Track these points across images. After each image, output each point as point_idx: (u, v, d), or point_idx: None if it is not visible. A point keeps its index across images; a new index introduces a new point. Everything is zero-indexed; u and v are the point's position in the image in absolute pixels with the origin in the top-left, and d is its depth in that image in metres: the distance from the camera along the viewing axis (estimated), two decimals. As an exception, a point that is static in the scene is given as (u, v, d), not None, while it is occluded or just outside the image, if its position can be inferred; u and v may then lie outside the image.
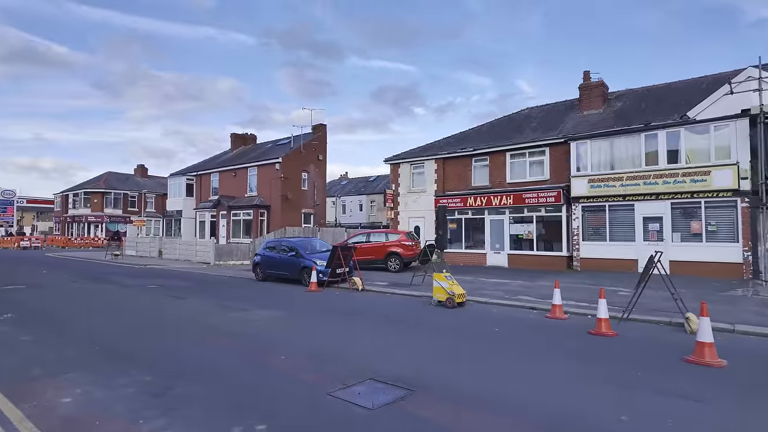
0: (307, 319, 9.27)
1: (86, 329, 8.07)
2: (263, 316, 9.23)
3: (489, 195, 20.22)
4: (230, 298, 11.96)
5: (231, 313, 9.52)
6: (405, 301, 11.70)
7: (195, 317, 9.13)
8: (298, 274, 14.94)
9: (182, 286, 14.60)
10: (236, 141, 39.33)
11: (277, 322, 8.83)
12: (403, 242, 18.63)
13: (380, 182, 50.44)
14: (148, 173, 58.40)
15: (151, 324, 8.61)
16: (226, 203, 31.90)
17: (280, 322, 8.86)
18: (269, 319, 9.03)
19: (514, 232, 19.83)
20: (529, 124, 22.22)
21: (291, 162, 30.86)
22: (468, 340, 7.37)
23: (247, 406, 4.45)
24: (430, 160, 23.18)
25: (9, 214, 61.53)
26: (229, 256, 24.93)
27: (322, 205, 33.66)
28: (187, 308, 10.36)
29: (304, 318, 9.32)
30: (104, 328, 8.20)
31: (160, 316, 9.53)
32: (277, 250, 16.09)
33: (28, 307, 10.24)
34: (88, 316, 9.33)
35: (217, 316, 9.29)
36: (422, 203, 23.30)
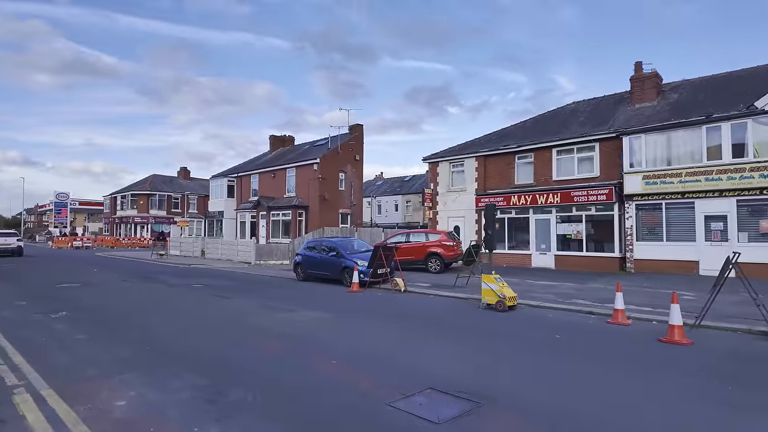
0: (354, 321, 9.01)
1: (137, 328, 8.11)
2: (310, 318, 9.04)
3: (534, 193, 19.45)
4: (274, 298, 11.89)
5: (278, 314, 9.39)
6: (451, 303, 11.27)
7: (242, 318, 9.05)
8: (339, 275, 14.78)
9: (226, 285, 14.71)
10: (275, 143, 39.88)
11: (324, 323, 8.61)
12: (444, 242, 18.16)
13: (416, 182, 49.96)
14: (190, 175, 60.29)
15: (199, 324, 8.59)
16: (266, 204, 32.33)
17: (327, 323, 8.63)
18: (316, 320, 8.82)
19: (561, 231, 18.97)
20: (576, 118, 21.25)
21: (328, 162, 30.93)
22: (527, 347, 6.89)
23: (305, 417, 4.19)
24: (470, 157, 22.57)
25: (63, 216, 65.02)
26: (269, 256, 25.17)
27: (358, 206, 33.58)
28: (234, 308, 10.33)
29: (350, 320, 9.07)
30: (154, 327, 8.22)
31: (208, 316, 9.51)
32: (317, 250, 16.00)
33: (82, 305, 10.48)
34: (139, 315, 9.43)
35: (264, 317, 9.17)
36: (462, 202, 22.72)
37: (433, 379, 5.15)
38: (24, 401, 4.56)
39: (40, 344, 6.86)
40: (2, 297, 11.76)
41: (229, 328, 8.19)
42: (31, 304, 10.68)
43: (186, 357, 6.20)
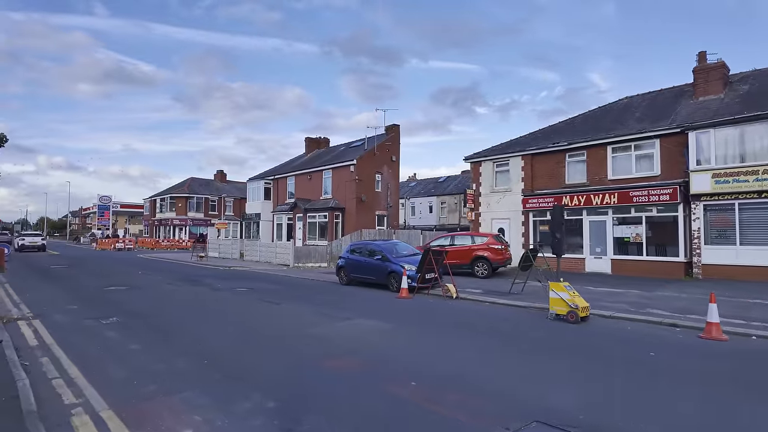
0: (417, 332, 8.36)
1: (190, 337, 7.73)
2: (369, 328, 8.44)
3: (588, 193, 18.32)
4: (325, 304, 11.40)
5: (335, 323, 8.84)
6: (513, 312, 10.47)
7: (299, 326, 8.55)
8: (385, 279, 14.18)
9: (272, 289, 14.36)
10: (310, 145, 39.81)
11: (387, 335, 8.00)
12: (492, 245, 17.30)
13: (450, 183, 49.03)
14: (226, 178, 61.26)
15: (255, 333, 8.14)
16: (302, 206, 32.18)
17: (390, 335, 8.01)
18: (377, 331, 8.22)
19: (618, 234, 17.78)
20: (632, 114, 19.95)
21: (365, 163, 30.48)
22: (623, 368, 6.06)
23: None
24: (515, 156, 21.59)
25: (106, 218, 67.30)
26: (308, 259, 24.88)
27: (395, 207, 32.99)
28: (287, 315, 9.87)
29: (411, 331, 8.42)
30: (208, 336, 7.81)
31: (263, 324, 9.08)
32: (361, 253, 15.46)
33: (132, 311, 10.27)
34: (190, 323, 9.09)
35: (322, 326, 8.63)
36: (507, 204, 21.75)
37: (533, 408, 4.44)
38: (83, 424, 4.14)
39: (95, 355, 6.53)
40: (54, 300, 11.74)
41: (289, 338, 7.68)
42: (82, 308, 10.56)
43: (249, 372, 5.71)
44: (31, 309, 10.35)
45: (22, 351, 6.58)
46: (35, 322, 8.84)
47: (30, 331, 8.06)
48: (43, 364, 6.00)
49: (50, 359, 6.20)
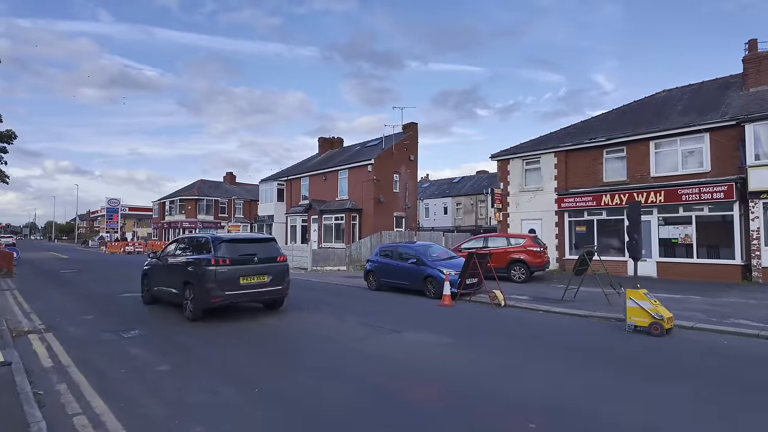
0: (481, 347, 7.25)
1: (225, 355, 6.68)
2: (426, 343, 7.35)
3: (631, 192, 17.15)
4: (361, 312, 10.33)
5: (383, 336, 7.78)
6: (577, 323, 9.35)
7: (348, 342, 7.48)
8: (420, 285, 13.11)
9: (300, 296, 13.32)
10: (323, 145, 38.86)
11: (450, 352, 6.90)
12: (530, 248, 16.17)
13: (465, 183, 47.90)
14: (236, 180, 60.46)
15: (299, 349, 7.09)
16: (318, 207, 31.18)
17: (453, 352, 6.91)
18: (436, 347, 7.13)
19: (664, 235, 16.61)
20: (673, 107, 18.79)
21: (382, 163, 29.44)
22: (760, 398, 4.94)
23: None
24: (548, 153, 20.46)
25: (114, 221, 66.74)
26: (326, 262, 23.87)
27: (413, 209, 31.92)
28: (326, 327, 8.80)
29: (476, 346, 7.30)
30: (246, 354, 6.77)
31: (303, 337, 8.02)
32: (392, 256, 14.40)
33: (153, 322, 9.25)
34: (203, 334, 8.05)
35: (370, 340, 7.56)
36: (538, 203, 20.62)
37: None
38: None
39: (120, 379, 5.51)
40: (67, 309, 10.76)
41: (340, 356, 6.62)
42: (98, 318, 9.56)
43: (311, 405, 4.65)
44: (42, 320, 9.37)
45: (36, 375, 5.57)
46: (48, 336, 7.84)
47: (43, 347, 7.06)
48: (60, 393, 4.97)
49: (69, 386, 5.18)
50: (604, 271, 11.78)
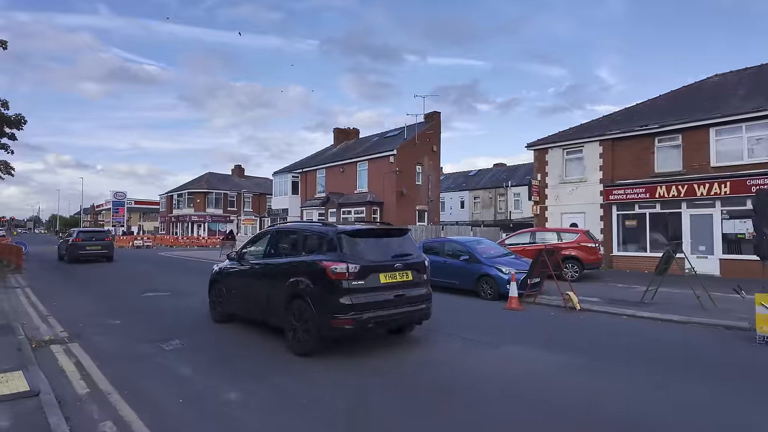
0: (604, 367, 5.97)
1: (297, 375, 5.43)
2: (540, 362, 5.98)
3: (690, 183, 15.83)
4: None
5: (481, 352, 6.47)
6: (678, 332, 8.08)
7: (453, 362, 6.23)
8: (473, 284, 11.85)
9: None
10: (339, 136, 37.52)
11: (578, 374, 5.62)
12: (584, 244, 14.88)
13: (483, 177, 46.55)
14: (244, 173, 59.22)
15: (404, 361, 5.83)
16: (336, 200, 29.92)
17: (582, 374, 5.63)
18: (557, 368, 5.79)
19: (729, 230, 15.29)
20: (733, 91, 17.40)
21: (404, 154, 28.10)
22: None
23: None
24: (592, 141, 19.10)
25: (120, 215, 65.65)
26: (349, 258, 22.60)
27: (436, 202, 30.62)
28: (400, 337, 7.54)
29: (598, 366, 6.00)
30: (324, 368, 5.51)
31: (382, 352, 6.76)
32: (439, 253, 13.10)
33: (192, 328, 8.02)
34: (276, 347, 6.78)
35: (470, 357, 6.27)
36: (581, 195, 19.30)
37: None
38: None
39: (181, 414, 4.26)
40: (88, 311, 9.53)
41: (469, 384, 5.36)
42: (128, 324, 8.33)
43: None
44: (63, 325, 8.14)
45: (70, 407, 4.33)
46: (74, 348, 6.60)
47: (71, 363, 5.82)
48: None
49: (117, 427, 3.93)
50: (691, 269, 10.48)
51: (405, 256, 6.66)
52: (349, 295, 5.86)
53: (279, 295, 6.57)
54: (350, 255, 6.05)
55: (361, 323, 5.89)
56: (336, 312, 5.82)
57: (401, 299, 6.37)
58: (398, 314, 6.39)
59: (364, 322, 5.91)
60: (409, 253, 6.79)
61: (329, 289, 5.89)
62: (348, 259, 5.98)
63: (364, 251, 6.23)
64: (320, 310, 5.92)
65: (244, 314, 7.91)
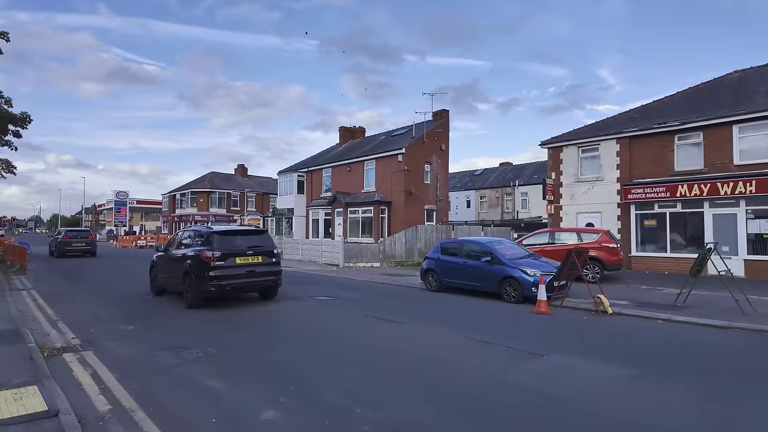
0: (677, 382, 5.54)
1: (335, 388, 5.01)
2: (603, 375, 5.49)
3: (713, 182, 15.38)
4: (452, 323, 8.65)
5: (526, 363, 5.98)
6: (723, 338, 7.65)
7: (474, 368, 5.81)
8: (496, 287, 11.43)
9: (357, 298, 11.69)
10: (344, 135, 37.05)
11: (635, 388, 5.20)
12: (605, 244, 14.46)
13: (489, 176, 46.11)
14: (247, 173, 58.80)
15: (428, 379, 5.40)
16: (343, 200, 29.47)
17: (662, 391, 5.20)
18: (624, 381, 5.33)
19: (754, 230, 14.85)
20: (755, 88, 16.94)
21: (413, 153, 27.63)
22: None
23: None
24: (608, 140, 18.66)
25: (123, 214, 65.29)
26: (358, 258, 22.21)
27: (444, 201, 30.17)
28: (440, 345, 7.08)
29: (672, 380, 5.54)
30: (360, 386, 5.09)
31: (416, 359, 6.34)
32: (458, 254, 12.70)
33: (211, 333, 7.60)
34: (309, 358, 6.37)
35: (515, 367, 5.81)
36: (597, 194, 18.86)
37: None
38: None
39: (216, 436, 3.87)
40: (98, 314, 9.12)
41: (497, 393, 4.92)
42: (142, 329, 7.92)
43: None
44: (74, 330, 7.74)
45: (91, 427, 3.91)
46: (89, 356, 6.19)
47: (87, 375, 5.40)
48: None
49: (148, 452, 3.53)
50: (728, 271, 10.04)
51: (258, 246, 10.10)
52: (214, 270, 9.34)
53: (179, 272, 10.06)
54: (218, 247, 9.53)
55: (221, 288, 9.44)
56: (206, 281, 9.34)
57: (252, 273, 9.88)
58: (249, 283, 10.01)
59: (223, 287, 9.46)
60: (261, 245, 10.22)
61: (203, 267, 9.39)
62: (215, 249, 9.46)
63: (228, 244, 9.75)
64: (198, 280, 9.43)
65: (166, 288, 11.24)
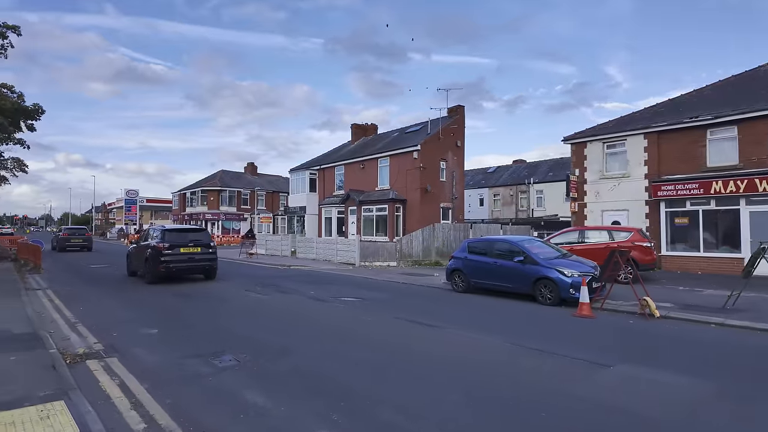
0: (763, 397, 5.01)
1: (391, 408, 4.53)
2: (680, 389, 4.97)
3: (750, 177, 14.72)
4: (491, 329, 8.15)
5: (593, 375, 5.45)
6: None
7: (534, 382, 5.30)
8: (529, 288, 10.90)
9: (383, 299, 11.22)
10: (357, 132, 36.60)
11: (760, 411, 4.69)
12: (639, 243, 13.85)
13: (502, 173, 45.44)
14: (257, 171, 58.53)
15: (490, 398, 4.90)
16: (356, 198, 29.01)
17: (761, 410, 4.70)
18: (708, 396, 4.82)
19: (795, 228, 14.18)
20: (793, 79, 16.24)
21: (428, 149, 27.10)
22: None
23: None
24: (635, 134, 18.01)
25: (133, 213, 65.28)
26: (375, 257, 21.73)
27: (460, 199, 29.62)
28: (483, 352, 6.60)
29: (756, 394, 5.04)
30: (400, 389, 4.60)
31: (472, 371, 5.84)
32: (487, 253, 12.17)
33: (239, 338, 7.15)
34: (352, 368, 5.90)
35: (586, 383, 5.25)
36: (623, 192, 18.24)
37: None
38: None
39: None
40: (118, 317, 8.73)
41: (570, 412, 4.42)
42: (166, 333, 7.50)
43: None
44: (95, 334, 7.34)
45: (128, 451, 3.47)
46: (113, 364, 5.77)
47: (115, 386, 4.97)
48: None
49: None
50: None
51: (198, 240, 14.08)
52: (164, 257, 13.10)
53: (142, 258, 13.89)
54: (167, 240, 13.38)
55: (169, 269, 13.20)
56: (158, 264, 13.08)
57: (192, 259, 13.77)
58: (190, 266, 13.81)
59: (171, 269, 13.23)
60: (200, 239, 14.21)
61: (156, 254, 13.13)
62: (165, 242, 13.28)
63: (175, 238, 13.63)
64: (153, 263, 13.17)
65: (137, 270, 14.90)
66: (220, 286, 13.30)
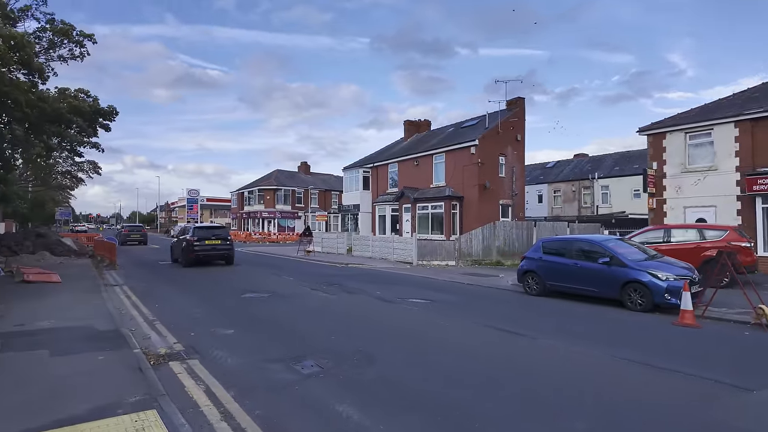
0: None
1: (474, 410, 4.02)
2: None
3: None
4: (590, 337, 7.42)
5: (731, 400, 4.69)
6: None
7: (686, 409, 4.61)
8: (616, 292, 9.96)
9: (452, 302, 10.68)
10: (409, 128, 36.09)
11: None
12: (734, 242, 12.42)
13: (562, 168, 43.35)
14: (310, 170, 59.49)
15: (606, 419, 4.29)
16: (411, 195, 28.51)
17: None
18: None
19: None
20: None
21: (486, 144, 26.11)
22: None
23: None
24: (724, 123, 16.29)
25: (194, 211, 68.37)
26: (432, 256, 21.16)
27: (520, 195, 28.39)
28: (589, 367, 5.95)
29: None
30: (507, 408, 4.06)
31: (586, 394, 5.23)
32: (565, 254, 11.31)
33: (317, 341, 6.89)
34: (432, 372, 5.45)
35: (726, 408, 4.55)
36: (710, 186, 16.56)
37: None
38: None
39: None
40: (193, 315, 8.76)
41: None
42: (242, 333, 7.39)
43: None
44: (174, 333, 7.33)
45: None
46: (195, 366, 5.64)
47: (201, 392, 4.78)
48: None
49: None
50: None
51: (218, 235, 19.03)
52: (194, 247, 17.98)
53: (179, 248, 19.01)
54: (197, 235, 18.42)
55: (199, 256, 18.19)
56: (190, 253, 17.97)
57: (214, 249, 18.50)
58: (213, 254, 18.56)
59: (200, 256, 18.17)
60: (221, 234, 19.19)
61: (189, 245, 18.02)
62: (195, 236, 18.27)
63: (202, 233, 18.72)
64: (187, 252, 18.05)
65: (177, 258, 19.64)
66: (286, 283, 13.27)
